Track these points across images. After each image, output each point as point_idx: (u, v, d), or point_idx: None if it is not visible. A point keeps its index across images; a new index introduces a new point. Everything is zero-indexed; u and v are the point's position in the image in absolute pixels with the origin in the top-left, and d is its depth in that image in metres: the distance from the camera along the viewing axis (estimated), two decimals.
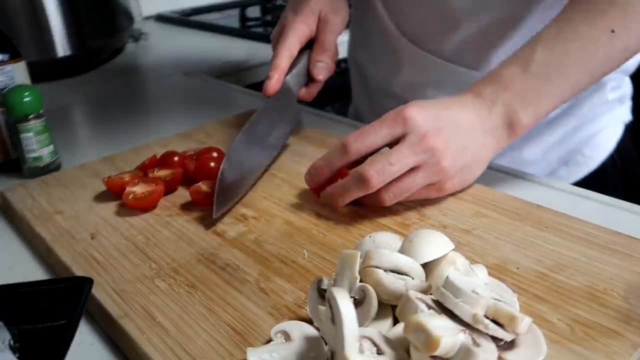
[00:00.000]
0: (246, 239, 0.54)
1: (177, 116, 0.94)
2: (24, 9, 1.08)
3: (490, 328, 0.34)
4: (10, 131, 0.73)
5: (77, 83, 1.15)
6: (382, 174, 0.52)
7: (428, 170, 0.53)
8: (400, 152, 0.52)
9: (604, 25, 0.54)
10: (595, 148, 0.79)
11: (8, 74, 0.71)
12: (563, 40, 0.55)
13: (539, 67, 0.55)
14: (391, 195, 0.54)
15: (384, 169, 0.52)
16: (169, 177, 0.63)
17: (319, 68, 0.72)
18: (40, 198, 0.64)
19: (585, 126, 0.78)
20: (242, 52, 1.29)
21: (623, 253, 0.47)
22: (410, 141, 0.52)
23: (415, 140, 0.52)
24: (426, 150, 0.52)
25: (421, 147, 0.52)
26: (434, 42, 0.76)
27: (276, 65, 0.68)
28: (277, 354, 0.37)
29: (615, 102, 0.79)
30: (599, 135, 0.79)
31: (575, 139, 0.78)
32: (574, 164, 0.79)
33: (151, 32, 1.48)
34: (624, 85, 0.81)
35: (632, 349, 0.38)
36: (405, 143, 0.52)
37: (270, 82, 0.67)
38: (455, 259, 0.41)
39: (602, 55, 0.55)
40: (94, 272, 0.50)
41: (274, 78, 0.67)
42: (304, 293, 0.46)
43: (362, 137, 0.54)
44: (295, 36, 0.70)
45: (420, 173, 0.53)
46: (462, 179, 0.56)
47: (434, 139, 0.52)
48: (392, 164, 0.52)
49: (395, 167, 0.52)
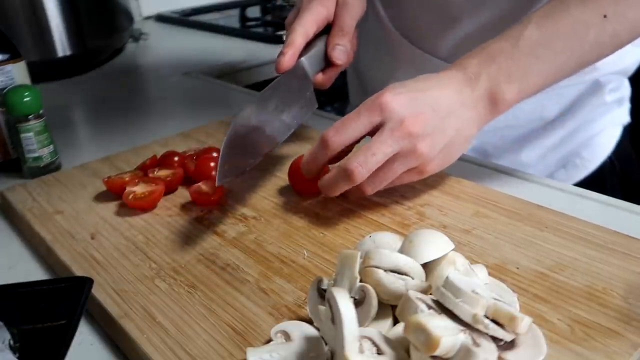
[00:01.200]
0: (246, 239, 0.54)
1: (177, 116, 0.94)
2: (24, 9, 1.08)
3: (490, 328, 0.34)
4: (10, 131, 0.73)
5: (77, 83, 1.15)
6: (365, 165, 0.51)
7: (407, 156, 0.53)
8: (381, 141, 0.52)
9: (596, 9, 0.54)
10: (594, 151, 0.79)
11: (8, 74, 0.71)
12: (554, 20, 0.55)
13: (528, 45, 0.54)
14: (371, 184, 0.54)
15: (367, 160, 0.51)
16: (169, 177, 0.63)
17: (338, 51, 0.67)
18: (40, 198, 0.64)
19: (583, 129, 0.78)
20: (242, 52, 1.29)
21: (622, 253, 0.47)
22: (389, 128, 0.52)
23: (393, 127, 0.52)
24: (405, 136, 0.52)
25: (400, 134, 0.52)
26: (431, 40, 0.76)
27: (290, 41, 0.63)
28: (277, 354, 0.37)
29: (614, 104, 0.79)
30: (597, 137, 0.79)
31: (573, 141, 0.78)
32: (572, 166, 0.79)
33: (151, 32, 1.48)
34: (623, 87, 0.81)
35: (632, 349, 0.38)
36: (385, 131, 0.52)
37: (284, 57, 0.62)
38: (455, 259, 0.41)
39: (592, 39, 0.55)
40: (94, 272, 0.50)
41: (288, 54, 0.62)
42: (304, 293, 0.46)
43: (340, 129, 0.53)
44: (311, 16, 0.66)
45: (400, 159, 0.53)
46: (444, 159, 0.55)
47: (412, 124, 0.52)
48: (375, 154, 0.51)
49: (377, 157, 0.51)
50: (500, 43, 0.55)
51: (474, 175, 0.64)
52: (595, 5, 0.54)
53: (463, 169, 0.64)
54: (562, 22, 0.55)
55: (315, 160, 0.56)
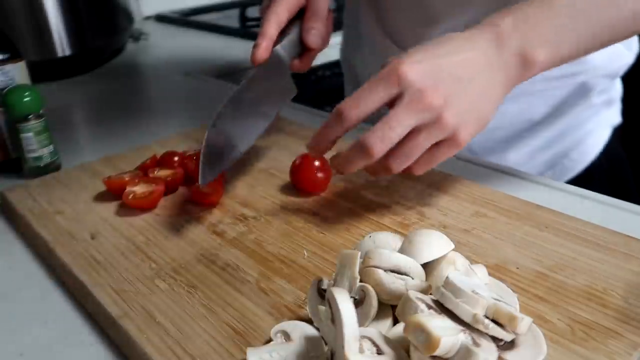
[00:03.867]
0: (246, 239, 0.54)
1: (177, 116, 0.94)
2: (24, 9, 1.08)
3: (490, 328, 0.34)
4: (10, 131, 0.73)
5: (77, 83, 1.15)
6: (383, 140, 0.49)
7: (431, 129, 0.50)
8: (399, 115, 0.49)
9: None
10: (582, 152, 0.79)
11: (8, 74, 0.71)
12: None
13: (564, 9, 0.52)
14: (397, 161, 0.51)
15: (385, 135, 0.48)
16: (169, 177, 0.63)
17: (313, 35, 0.66)
18: (41, 198, 0.64)
19: (571, 130, 0.78)
20: (242, 52, 1.29)
21: (622, 253, 0.47)
22: (408, 100, 0.49)
23: (412, 99, 0.49)
24: (425, 109, 0.49)
25: (420, 106, 0.49)
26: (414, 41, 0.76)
27: (264, 32, 0.63)
28: (277, 354, 0.37)
29: (602, 106, 0.79)
30: (585, 139, 0.78)
31: (561, 142, 0.78)
32: (560, 167, 0.78)
33: (151, 32, 1.48)
34: (612, 89, 0.80)
35: (632, 349, 0.38)
36: (403, 103, 0.49)
37: (258, 50, 0.61)
38: (455, 259, 0.41)
39: (630, 10, 0.53)
40: (94, 272, 0.50)
41: (262, 45, 0.62)
42: (304, 293, 0.46)
43: (356, 102, 0.50)
44: (283, 3, 0.65)
45: (423, 133, 0.50)
46: (475, 124, 0.52)
47: (432, 95, 0.49)
48: (392, 128, 0.48)
49: (396, 132, 0.49)
50: (535, 5, 0.53)
51: (473, 175, 0.64)
52: None
53: (463, 169, 0.64)
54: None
55: (327, 135, 0.52)
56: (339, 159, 0.53)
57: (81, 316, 0.48)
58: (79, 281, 0.49)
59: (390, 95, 0.50)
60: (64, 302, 0.50)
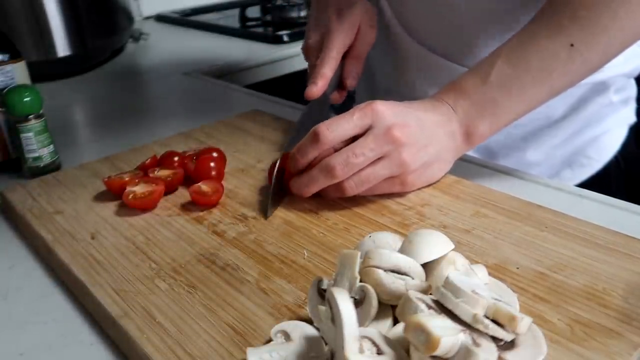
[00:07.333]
0: (246, 239, 0.54)
1: (177, 116, 0.94)
2: (24, 9, 1.09)
3: (490, 328, 0.34)
4: (10, 131, 0.73)
5: (77, 83, 1.15)
6: (346, 164, 0.54)
7: (389, 161, 0.55)
8: (365, 143, 0.54)
9: (563, 39, 0.55)
10: (600, 150, 0.79)
11: (8, 74, 0.71)
12: (523, 52, 0.57)
13: (498, 79, 0.57)
14: (352, 184, 0.56)
15: (349, 160, 0.54)
16: (169, 177, 0.63)
17: (352, 78, 0.75)
18: (40, 198, 0.64)
19: (589, 128, 0.78)
20: (242, 52, 1.29)
21: (622, 253, 0.47)
22: (376, 132, 0.55)
23: (380, 131, 0.55)
24: (390, 141, 0.54)
25: (385, 139, 0.54)
26: (438, 41, 0.76)
27: (323, 73, 0.69)
28: (277, 354, 0.37)
29: (620, 104, 0.79)
30: (603, 137, 0.79)
31: (579, 140, 0.78)
32: (578, 165, 0.79)
33: (151, 32, 1.48)
34: (629, 87, 0.80)
35: (632, 349, 0.38)
36: (371, 134, 0.55)
37: (316, 88, 0.68)
38: (455, 259, 0.41)
39: (561, 69, 0.56)
40: (94, 272, 0.50)
41: (319, 85, 0.69)
42: (304, 293, 0.46)
43: (333, 126, 0.55)
44: (342, 47, 0.72)
45: (382, 163, 0.55)
46: (425, 175, 0.58)
47: (399, 131, 0.55)
48: (357, 155, 0.54)
49: (359, 158, 0.54)
50: (472, 78, 0.59)
51: (474, 175, 0.64)
52: (562, 36, 0.56)
53: (463, 169, 0.64)
54: (531, 55, 0.57)
55: (305, 154, 0.57)
56: (301, 180, 0.58)
57: (81, 316, 0.48)
58: (79, 281, 0.49)
59: (363, 125, 0.55)
60: (64, 302, 0.50)
